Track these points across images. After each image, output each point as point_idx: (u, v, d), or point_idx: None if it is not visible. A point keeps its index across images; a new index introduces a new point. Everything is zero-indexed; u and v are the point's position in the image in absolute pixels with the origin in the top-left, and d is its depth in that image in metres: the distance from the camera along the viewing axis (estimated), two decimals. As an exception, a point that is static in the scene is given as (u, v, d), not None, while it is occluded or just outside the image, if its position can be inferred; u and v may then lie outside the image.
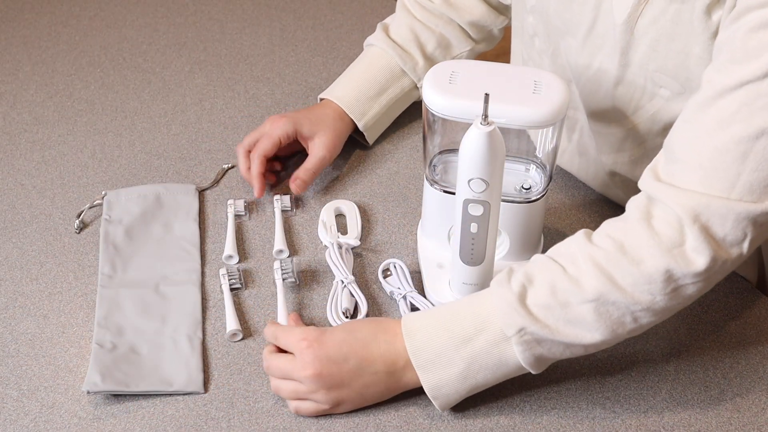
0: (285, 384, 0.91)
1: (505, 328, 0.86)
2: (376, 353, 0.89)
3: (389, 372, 0.90)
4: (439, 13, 1.24)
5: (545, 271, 0.87)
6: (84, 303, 1.05)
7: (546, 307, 0.85)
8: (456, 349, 0.87)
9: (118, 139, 1.30)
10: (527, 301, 0.86)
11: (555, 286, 0.85)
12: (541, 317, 0.85)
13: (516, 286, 0.86)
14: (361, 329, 0.91)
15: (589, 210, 1.17)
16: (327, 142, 1.18)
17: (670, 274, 0.83)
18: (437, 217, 1.05)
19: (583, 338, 0.85)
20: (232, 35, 1.54)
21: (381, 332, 0.90)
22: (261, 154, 1.15)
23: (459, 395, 0.89)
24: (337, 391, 0.90)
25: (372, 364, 0.89)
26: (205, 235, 1.13)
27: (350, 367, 0.89)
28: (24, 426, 0.92)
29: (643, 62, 0.96)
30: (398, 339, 0.89)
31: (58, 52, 1.49)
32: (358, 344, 0.90)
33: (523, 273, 0.87)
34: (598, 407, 0.94)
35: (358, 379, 0.90)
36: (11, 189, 1.21)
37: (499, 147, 0.86)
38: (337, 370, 0.89)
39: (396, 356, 0.89)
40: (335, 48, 1.50)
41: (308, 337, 0.90)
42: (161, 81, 1.42)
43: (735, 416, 0.93)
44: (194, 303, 1.03)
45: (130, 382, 0.94)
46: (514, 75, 0.97)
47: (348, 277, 1.03)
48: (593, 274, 0.84)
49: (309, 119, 1.18)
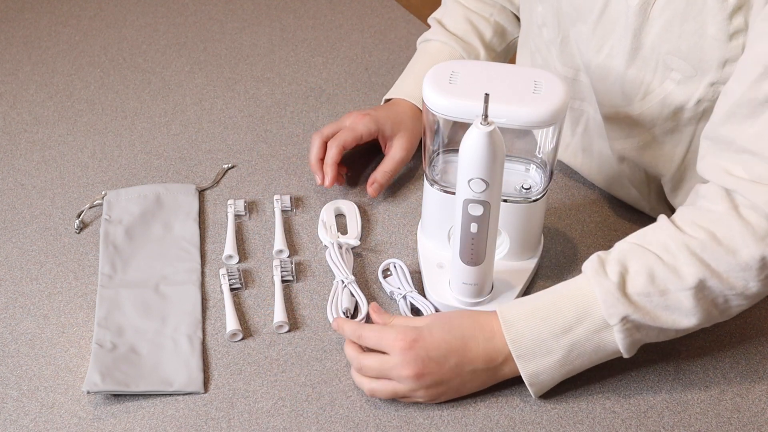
0: (382, 385, 0.91)
1: (608, 317, 0.88)
2: (475, 351, 0.91)
3: (488, 368, 0.91)
4: (492, 2, 1.25)
5: (640, 258, 0.89)
6: (84, 303, 1.05)
7: (646, 295, 0.87)
8: (556, 338, 0.89)
9: (118, 139, 1.30)
10: (627, 290, 0.88)
11: (653, 274, 0.87)
12: (641, 304, 0.87)
13: (613, 275, 0.88)
14: (460, 327, 0.92)
15: (589, 210, 1.17)
16: (406, 143, 1.17)
17: (765, 261, 0.86)
18: (437, 217, 1.05)
19: (680, 323, 0.88)
20: (232, 35, 1.54)
21: (479, 329, 0.91)
22: (340, 144, 1.14)
23: (554, 381, 0.92)
24: (436, 389, 0.91)
25: (472, 362, 0.91)
26: (205, 235, 1.13)
27: (450, 365, 0.90)
28: (24, 426, 0.92)
29: (655, 44, 0.97)
30: (497, 336, 0.91)
31: (58, 52, 1.50)
32: (458, 343, 0.91)
33: (616, 261, 0.89)
34: (598, 407, 0.94)
35: (457, 377, 0.91)
36: (11, 189, 1.21)
37: (499, 147, 0.86)
38: (437, 370, 0.90)
39: (496, 353, 0.91)
40: (335, 48, 1.50)
41: (406, 337, 0.90)
42: (161, 81, 1.42)
43: (735, 416, 0.93)
44: (194, 303, 1.03)
45: (130, 382, 0.94)
46: (514, 75, 0.97)
47: (348, 277, 1.03)
48: (691, 263, 0.87)
49: (390, 119, 1.18)
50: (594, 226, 1.14)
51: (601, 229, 1.14)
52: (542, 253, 1.08)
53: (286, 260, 1.08)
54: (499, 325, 0.91)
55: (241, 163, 1.25)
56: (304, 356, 0.98)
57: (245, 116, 1.34)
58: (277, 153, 1.27)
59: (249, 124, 1.33)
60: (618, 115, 1.06)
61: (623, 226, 1.14)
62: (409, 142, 1.18)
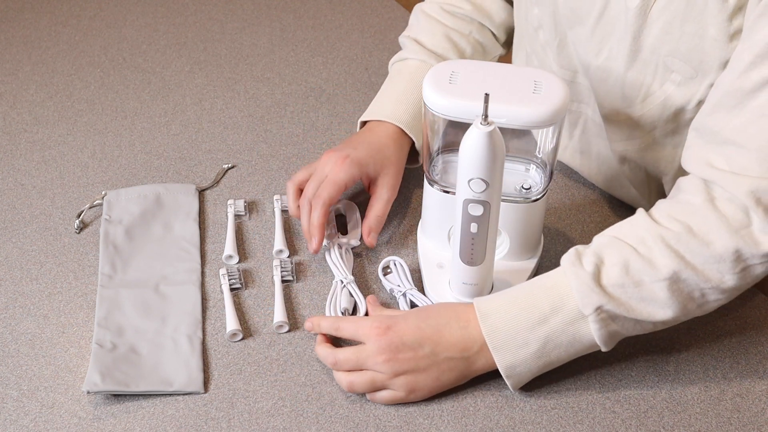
0: (359, 376, 0.92)
1: (582, 307, 0.88)
2: (450, 339, 0.91)
3: (463, 357, 0.91)
4: (470, 19, 1.20)
5: (615, 250, 0.89)
6: (84, 303, 1.05)
7: (620, 286, 0.88)
8: (531, 329, 0.89)
9: (118, 139, 1.30)
10: (602, 281, 0.88)
11: (628, 265, 0.88)
12: (616, 295, 0.88)
13: (589, 266, 0.89)
14: (434, 315, 0.92)
15: (589, 210, 1.17)
16: (391, 181, 1.09)
17: (739, 254, 0.86)
18: (437, 217, 1.05)
19: (655, 315, 0.89)
20: (232, 35, 1.54)
21: (454, 318, 0.92)
22: (326, 204, 1.04)
23: (532, 374, 0.92)
24: (413, 376, 0.91)
25: (446, 349, 0.91)
26: (205, 235, 1.13)
27: (425, 353, 0.90)
28: (24, 426, 0.92)
29: (655, 46, 0.97)
30: (472, 324, 0.91)
31: (58, 52, 1.50)
32: (432, 330, 0.91)
33: (592, 253, 0.90)
34: (598, 407, 0.94)
35: (432, 365, 0.91)
36: (11, 189, 1.21)
37: (500, 147, 0.86)
38: (412, 356, 0.90)
39: (470, 341, 0.91)
40: (335, 48, 1.50)
41: (381, 324, 0.91)
42: (161, 81, 1.42)
43: (735, 416, 0.93)
44: (194, 303, 1.03)
45: (130, 382, 0.94)
46: (513, 75, 0.97)
47: (347, 277, 1.03)
48: (665, 254, 0.87)
49: (372, 157, 1.08)
50: (594, 226, 1.14)
51: (601, 229, 1.13)
52: (542, 253, 1.08)
53: (286, 260, 1.08)
54: (475, 315, 0.91)
55: (241, 163, 1.25)
56: (304, 356, 0.98)
57: (245, 116, 1.34)
58: (277, 153, 1.27)
59: (249, 124, 1.33)
60: (618, 117, 1.06)
61: (623, 226, 1.14)
62: (394, 178, 1.10)
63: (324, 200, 1.04)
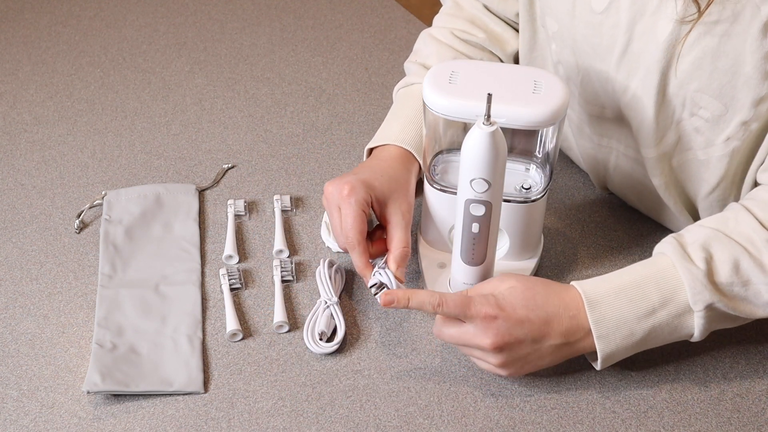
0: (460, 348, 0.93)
1: (693, 303, 0.89)
2: (558, 329, 0.91)
3: (567, 343, 0.91)
4: (482, 47, 1.16)
5: (725, 247, 0.90)
6: (84, 303, 1.05)
7: (729, 284, 0.89)
8: (638, 321, 0.90)
9: (118, 139, 1.30)
10: (715, 278, 0.89)
11: (738, 264, 0.89)
12: (726, 293, 0.89)
13: (700, 261, 0.89)
14: (542, 303, 0.91)
15: (589, 210, 1.17)
16: (404, 205, 1.04)
17: None
18: (437, 217, 1.05)
19: (755, 313, 0.91)
20: (232, 35, 1.54)
21: (563, 308, 0.91)
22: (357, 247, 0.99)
23: (622, 358, 0.93)
24: (514, 362, 0.91)
25: (553, 338, 0.91)
26: (205, 235, 1.13)
27: (531, 343, 0.91)
28: (24, 426, 0.92)
29: (683, 82, 0.94)
30: (581, 313, 0.91)
31: (58, 52, 1.50)
32: (540, 322, 0.90)
33: (700, 248, 0.90)
34: (598, 407, 0.94)
35: (535, 351, 0.91)
36: (11, 189, 1.21)
37: (502, 147, 0.86)
38: (518, 347, 0.90)
39: (577, 329, 0.91)
40: (335, 48, 1.50)
41: (489, 312, 0.89)
42: (161, 81, 1.42)
43: (735, 416, 0.93)
44: (194, 303, 1.03)
45: (130, 382, 0.94)
46: (513, 75, 0.97)
47: (332, 299, 1.01)
48: None
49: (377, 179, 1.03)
50: (594, 226, 1.15)
51: (601, 229, 1.14)
52: (542, 253, 1.08)
53: (286, 260, 1.08)
54: (582, 303, 0.91)
55: (241, 163, 1.25)
56: (304, 356, 0.98)
57: (245, 116, 1.34)
58: (277, 153, 1.27)
59: (249, 124, 1.33)
60: (648, 153, 1.03)
61: (623, 226, 1.14)
62: (407, 202, 1.04)
63: (352, 245, 0.99)
